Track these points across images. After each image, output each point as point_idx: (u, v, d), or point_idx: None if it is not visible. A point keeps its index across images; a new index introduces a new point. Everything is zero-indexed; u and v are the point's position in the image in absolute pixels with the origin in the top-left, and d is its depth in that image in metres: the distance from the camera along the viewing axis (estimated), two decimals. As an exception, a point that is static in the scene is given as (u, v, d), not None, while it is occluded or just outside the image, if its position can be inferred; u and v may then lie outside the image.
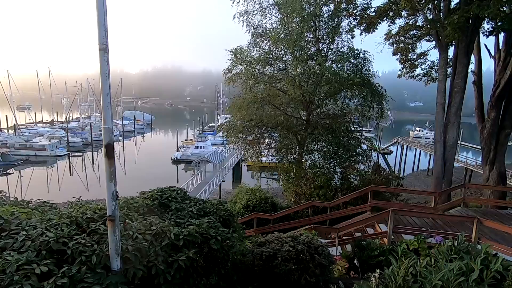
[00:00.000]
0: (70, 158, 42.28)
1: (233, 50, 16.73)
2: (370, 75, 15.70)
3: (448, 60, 14.41)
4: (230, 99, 22.72)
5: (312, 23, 15.71)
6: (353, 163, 15.58)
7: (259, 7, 16.53)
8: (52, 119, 66.11)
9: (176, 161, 42.33)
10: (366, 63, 15.49)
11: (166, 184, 6.42)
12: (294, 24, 15.26)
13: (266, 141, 18.95)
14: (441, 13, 13.42)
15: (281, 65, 16.61)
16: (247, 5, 16.54)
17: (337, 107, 17.07)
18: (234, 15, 16.82)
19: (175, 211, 5.07)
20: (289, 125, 16.21)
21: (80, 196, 4.92)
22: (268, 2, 16.42)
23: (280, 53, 16.27)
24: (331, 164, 15.63)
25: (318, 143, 16.23)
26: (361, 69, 15.35)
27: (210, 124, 72.75)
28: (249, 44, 16.99)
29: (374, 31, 16.14)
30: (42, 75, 63.89)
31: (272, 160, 19.21)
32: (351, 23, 16.32)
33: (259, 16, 16.70)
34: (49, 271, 3.10)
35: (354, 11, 16.03)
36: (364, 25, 16.04)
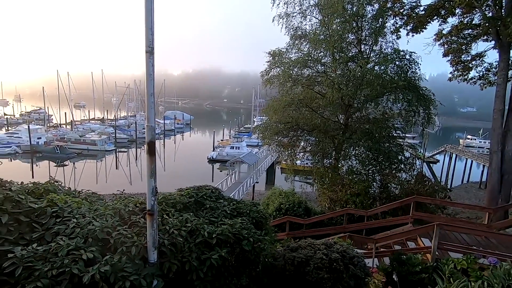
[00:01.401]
0: (117, 153, 45.59)
1: (271, 52, 16.75)
2: (416, 78, 14.70)
3: (510, 61, 12.97)
4: (267, 101, 22.77)
5: (354, 24, 15.15)
6: (394, 171, 14.68)
7: (299, 9, 16.37)
8: (103, 117, 71.95)
9: (211, 160, 43.53)
10: (413, 65, 14.53)
11: (202, 182, 6.62)
12: (335, 26, 14.85)
13: (302, 144, 18.65)
14: (502, 10, 12.13)
15: (319, 67, 16.25)
16: (287, 7, 16.47)
17: (378, 111, 16.22)
18: (274, 17, 16.85)
19: (209, 210, 5.18)
20: (326, 129, 15.78)
21: (123, 190, 5.25)
22: (309, 3, 16.19)
23: (319, 55, 15.94)
24: (370, 171, 14.88)
25: (357, 148, 15.56)
26: (407, 72, 14.44)
27: (246, 126, 73.74)
28: (288, 46, 16.89)
29: (423, 31, 15.08)
30: (96, 75, 70.09)
31: (306, 163, 18.86)
32: (396, 23, 15.44)
33: (298, 18, 16.54)
34: (94, 257, 3.33)
35: (401, 10, 15.14)
36: (411, 25, 15.07)
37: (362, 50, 15.89)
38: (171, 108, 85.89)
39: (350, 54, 15.68)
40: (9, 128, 52.46)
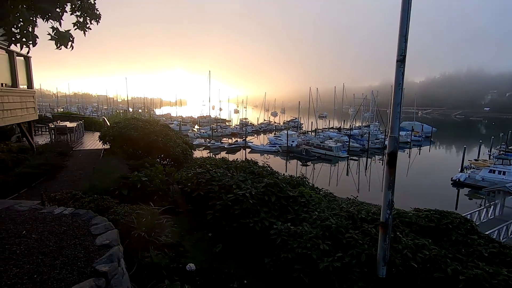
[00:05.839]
0: (349, 160, 48.45)
1: None
2: None
3: None
4: None
5: None
6: None
7: None
8: (340, 126, 79.15)
9: (457, 183, 35.16)
10: None
11: (440, 206, 5.53)
12: None
13: None
14: None
15: None
16: None
17: None
18: None
19: (454, 243, 4.23)
20: None
21: (357, 196, 5.46)
22: None
23: None
24: None
25: None
26: None
27: (520, 144, 52.84)
28: None
29: None
30: (338, 89, 78.90)
31: None
32: None
33: None
34: (329, 250, 3.74)
35: None
36: None
37: None
38: (409, 118, 78.70)
39: None
40: (276, 133, 70.92)
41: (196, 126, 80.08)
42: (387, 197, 3.39)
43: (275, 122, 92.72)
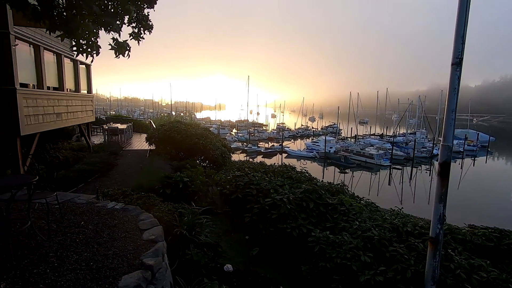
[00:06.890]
0: (391, 169, 45.70)
1: None
2: None
3: None
4: None
5: None
6: None
7: None
8: (382, 133, 75.17)
9: (520, 200, 31.27)
10: None
11: (498, 224, 4.96)
12: None
13: None
14: None
15: None
16: None
17: None
18: None
19: (518, 267, 3.76)
20: None
21: (402, 208, 5.14)
22: None
23: None
24: None
25: None
26: None
27: None
28: None
29: None
30: (381, 94, 75.22)
31: None
32: None
33: None
34: (370, 263, 3.56)
35: None
36: None
37: None
38: (462, 126, 72.30)
39: None
40: (313, 138, 69.57)
41: (234, 130, 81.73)
42: (438, 210, 3.14)
43: (312, 127, 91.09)
